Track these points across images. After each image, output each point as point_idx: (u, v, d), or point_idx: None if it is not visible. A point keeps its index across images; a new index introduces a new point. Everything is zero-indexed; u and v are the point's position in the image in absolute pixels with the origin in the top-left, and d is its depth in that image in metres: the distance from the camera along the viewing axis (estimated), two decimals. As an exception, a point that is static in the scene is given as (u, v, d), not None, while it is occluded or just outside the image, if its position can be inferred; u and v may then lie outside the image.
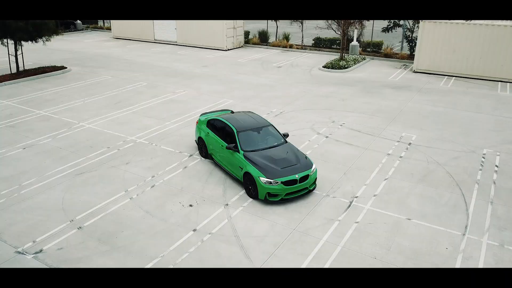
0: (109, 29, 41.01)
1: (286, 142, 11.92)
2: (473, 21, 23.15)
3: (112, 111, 17.49)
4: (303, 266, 8.42)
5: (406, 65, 26.49)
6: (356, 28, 26.83)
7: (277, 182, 10.34)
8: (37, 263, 8.45)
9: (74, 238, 9.25)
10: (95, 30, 42.89)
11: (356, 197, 10.97)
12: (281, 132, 12.53)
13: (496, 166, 12.74)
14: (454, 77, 23.31)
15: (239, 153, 11.21)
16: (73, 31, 41.77)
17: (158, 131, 15.31)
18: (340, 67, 25.09)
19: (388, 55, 28.50)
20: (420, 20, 24.29)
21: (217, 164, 12.56)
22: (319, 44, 32.27)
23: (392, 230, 9.61)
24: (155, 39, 35.45)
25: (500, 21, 25.94)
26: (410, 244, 9.13)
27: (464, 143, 14.39)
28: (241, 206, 10.52)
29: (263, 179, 10.37)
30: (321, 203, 10.68)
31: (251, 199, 10.78)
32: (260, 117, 12.73)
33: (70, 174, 12.08)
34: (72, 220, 9.88)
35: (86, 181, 11.71)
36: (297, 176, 10.51)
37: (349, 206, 10.56)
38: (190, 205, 10.54)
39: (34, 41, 21.99)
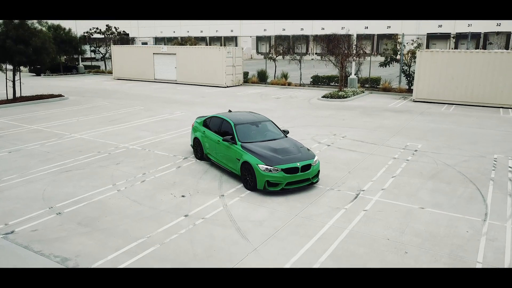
0: (110, 72, 41.67)
1: (286, 137, 11.28)
2: (469, 50, 23.43)
3: (105, 126, 16.95)
4: (307, 247, 7.43)
5: (405, 97, 26.40)
6: (353, 60, 27.11)
7: (277, 170, 9.56)
8: (6, 242, 7.46)
9: (52, 222, 8.30)
10: (96, 74, 43.58)
11: (363, 190, 10.12)
12: (281, 128, 11.88)
13: (510, 167, 11.99)
14: (454, 105, 23.08)
15: (236, 144, 10.52)
16: (74, 74, 42.44)
17: (152, 141, 14.68)
18: (339, 97, 24.97)
19: (387, 89, 28.54)
20: (417, 50, 24.60)
21: (213, 164, 11.80)
22: (317, 81, 32.50)
23: (404, 217, 8.69)
24: (155, 79, 35.84)
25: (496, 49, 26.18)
26: (426, 228, 8.19)
27: (473, 150, 13.73)
28: (238, 196, 9.64)
29: (262, 166, 9.59)
30: (325, 194, 9.81)
31: (248, 191, 9.92)
32: (259, 114, 12.19)
33: (55, 172, 11.29)
34: (52, 207, 8.97)
35: (71, 177, 10.89)
36: (298, 164, 9.75)
37: (356, 197, 9.69)
38: (183, 196, 9.66)
39: (32, 67, 21.98)
